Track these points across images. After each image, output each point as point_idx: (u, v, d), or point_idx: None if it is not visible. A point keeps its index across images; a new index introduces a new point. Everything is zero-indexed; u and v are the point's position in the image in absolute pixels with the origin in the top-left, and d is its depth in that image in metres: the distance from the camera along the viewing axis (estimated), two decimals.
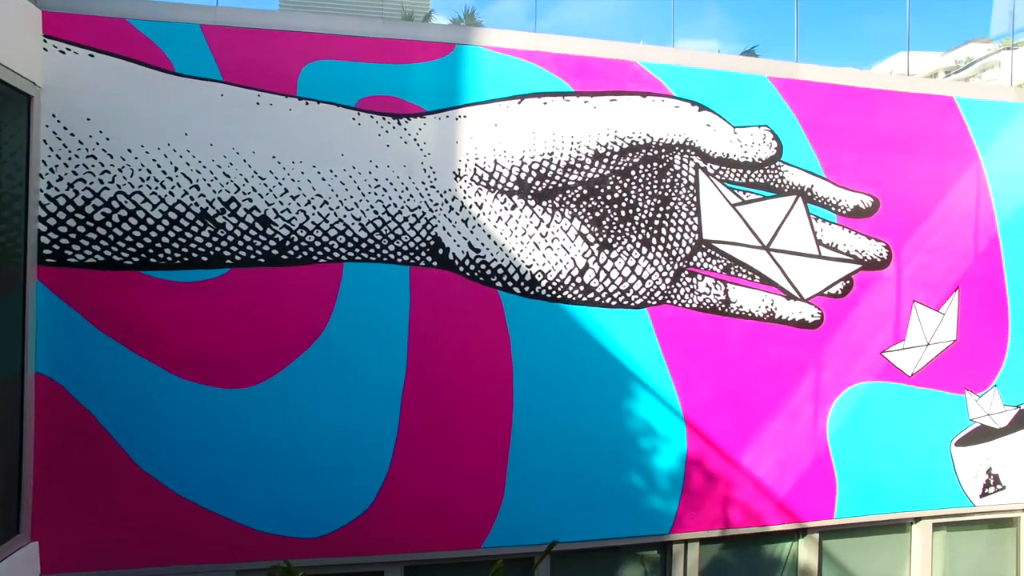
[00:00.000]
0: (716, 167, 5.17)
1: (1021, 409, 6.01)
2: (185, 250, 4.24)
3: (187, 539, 4.35)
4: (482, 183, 4.67)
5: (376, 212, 4.51)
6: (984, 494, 5.96)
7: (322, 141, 4.44)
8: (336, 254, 4.48)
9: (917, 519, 5.92)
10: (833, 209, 5.48)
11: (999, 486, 6.00)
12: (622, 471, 5.06)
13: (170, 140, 4.20)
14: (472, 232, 4.66)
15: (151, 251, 4.18)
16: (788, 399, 5.42)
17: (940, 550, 6.04)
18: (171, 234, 4.21)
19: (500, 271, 4.72)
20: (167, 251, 4.21)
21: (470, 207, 4.65)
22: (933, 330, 5.76)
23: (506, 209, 4.70)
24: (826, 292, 5.46)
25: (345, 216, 4.46)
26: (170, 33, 4.24)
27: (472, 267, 4.68)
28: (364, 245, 4.51)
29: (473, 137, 4.68)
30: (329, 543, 4.57)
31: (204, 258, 4.28)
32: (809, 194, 5.40)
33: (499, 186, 4.70)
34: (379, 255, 4.54)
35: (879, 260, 5.59)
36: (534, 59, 4.84)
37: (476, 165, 4.67)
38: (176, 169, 4.20)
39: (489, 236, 4.68)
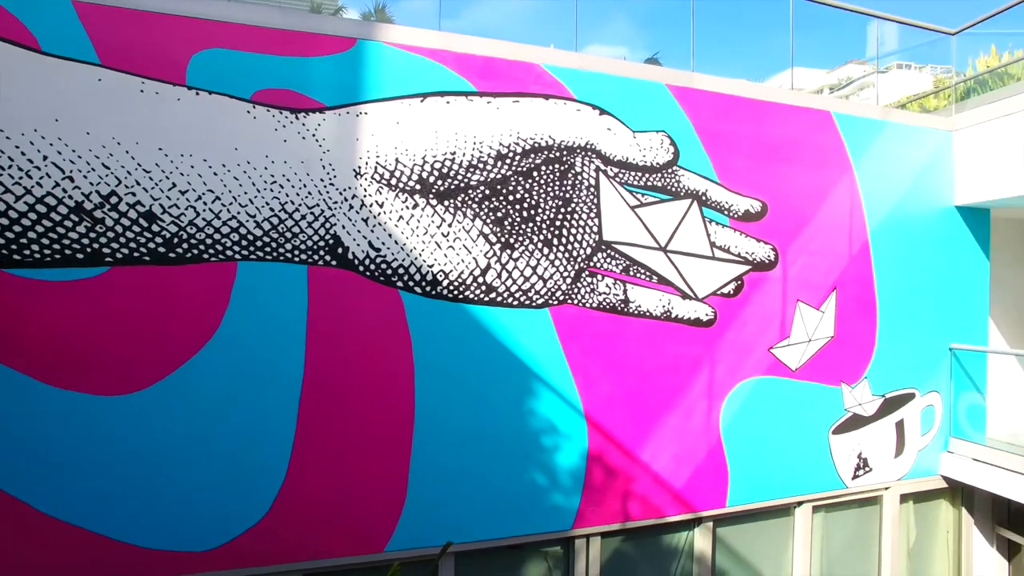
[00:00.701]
0: (616, 170, 5.52)
1: (886, 398, 6.83)
2: (57, 247, 4.05)
3: (54, 562, 4.15)
4: (383, 181, 4.77)
5: (272, 209, 4.49)
6: (855, 476, 6.72)
7: (214, 133, 4.37)
8: (229, 252, 4.42)
9: (800, 503, 6.56)
10: (725, 213, 5.98)
11: (867, 468, 6.78)
12: (525, 469, 5.30)
13: (37, 126, 3.99)
14: (372, 231, 4.74)
15: (15, 247, 3.97)
16: (684, 395, 5.86)
17: (818, 529, 6.72)
18: (39, 229, 4.00)
19: (401, 271, 4.84)
20: (34, 247, 4.00)
21: (371, 206, 4.73)
22: (814, 327, 6.42)
23: (408, 208, 4.82)
24: (719, 292, 5.96)
25: (239, 213, 4.42)
26: (35, 7, 4.02)
27: (372, 266, 4.76)
28: (259, 244, 4.48)
29: (374, 134, 4.76)
30: (221, 555, 4.50)
31: (80, 255, 4.10)
32: (703, 198, 5.88)
33: (401, 185, 4.81)
34: (275, 254, 4.53)
35: (767, 262, 6.17)
36: (438, 58, 4.99)
37: (377, 163, 4.75)
38: (45, 158, 4.00)
39: (390, 235, 4.78)
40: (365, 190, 4.72)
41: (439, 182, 4.90)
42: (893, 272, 6.79)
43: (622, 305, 5.55)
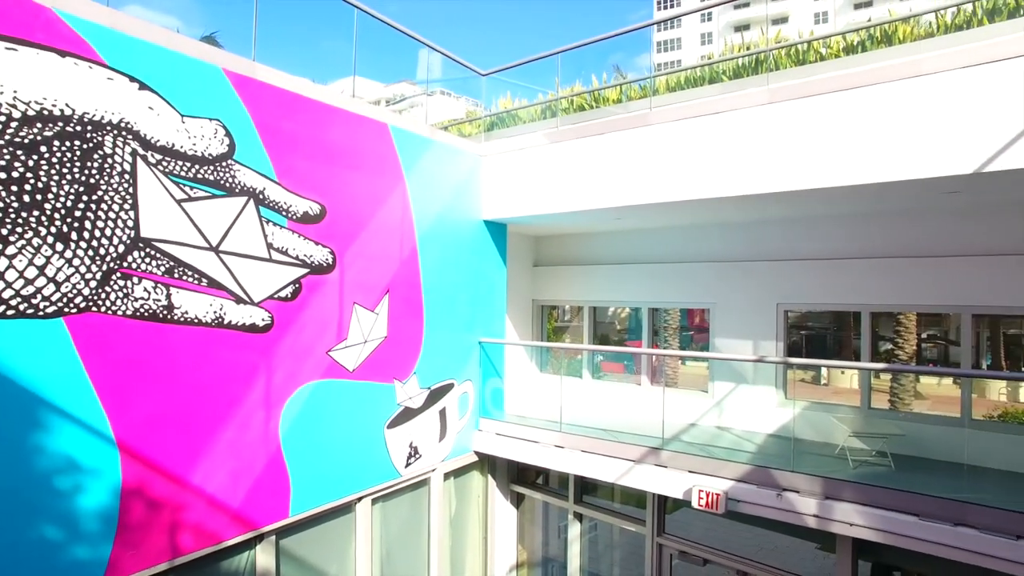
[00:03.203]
0: (159, 157, 5.04)
1: (431, 390, 8.02)
2: None
3: None
4: None
5: None
6: (408, 464, 7.69)
7: None
8: None
9: (360, 499, 7.14)
10: (284, 213, 6.08)
11: (418, 455, 7.85)
12: (29, 526, 4.34)
13: None
14: None
15: None
16: (240, 406, 5.72)
17: (377, 519, 7.44)
18: None
19: None
20: None
21: None
22: (369, 328, 7.08)
23: None
24: (276, 296, 6.02)
25: None
26: None
27: None
28: None
29: None
30: None
31: None
32: (261, 197, 5.84)
33: None
34: None
35: (325, 265, 6.51)
36: None
37: None
38: None
39: None
40: None
41: None
42: (436, 275, 8.01)
43: (165, 312, 5.10)
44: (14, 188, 4.20)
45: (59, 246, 4.42)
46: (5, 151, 4.15)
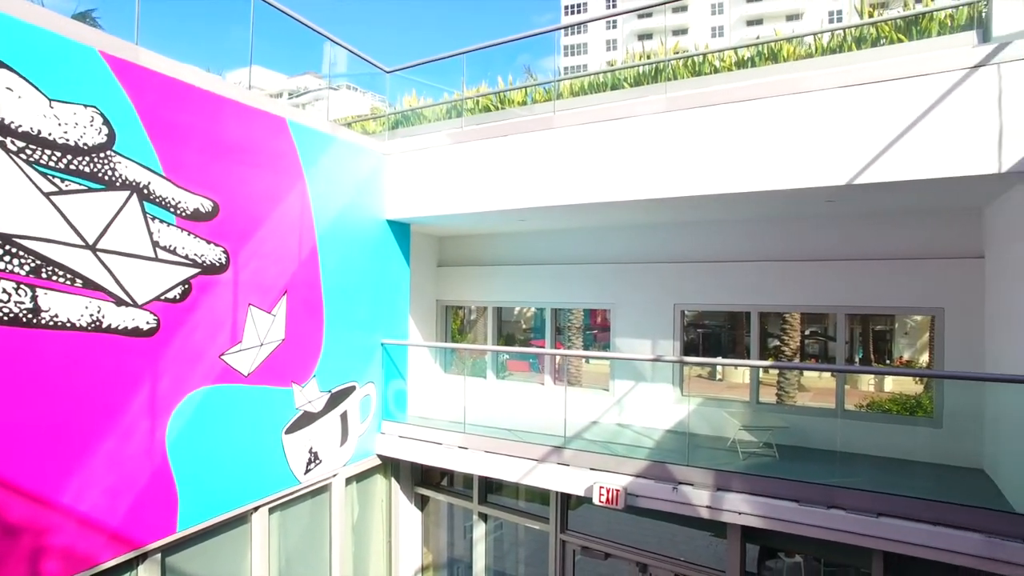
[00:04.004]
0: (21, 144, 4.58)
1: (332, 393, 7.77)
2: None
3: None
4: None
5: None
6: (308, 470, 7.41)
7: None
8: None
9: (256, 508, 6.81)
10: (172, 210, 5.69)
11: (318, 461, 7.58)
12: None
13: None
14: None
15: None
16: (120, 416, 5.30)
17: (275, 528, 7.11)
18: None
19: None
20: None
21: None
22: (266, 331, 6.75)
23: None
24: (163, 297, 5.63)
25: None
26: None
27: None
28: None
29: None
30: None
31: None
32: (146, 191, 5.44)
33: None
34: None
35: (218, 264, 6.15)
36: None
37: None
38: None
39: None
40: None
41: None
42: (337, 276, 7.76)
43: (30, 315, 4.64)
44: None
45: None
46: None
